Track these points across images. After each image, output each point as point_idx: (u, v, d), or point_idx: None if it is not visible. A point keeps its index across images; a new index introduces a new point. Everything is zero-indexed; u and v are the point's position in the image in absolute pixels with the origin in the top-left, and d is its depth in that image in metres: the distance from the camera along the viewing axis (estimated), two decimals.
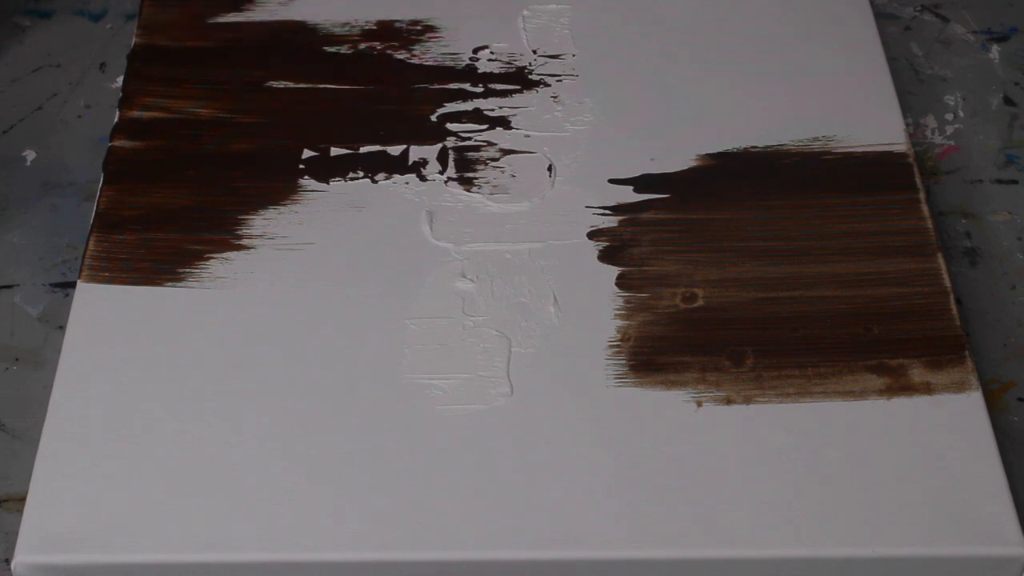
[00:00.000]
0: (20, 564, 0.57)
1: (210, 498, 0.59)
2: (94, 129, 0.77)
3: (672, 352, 0.64)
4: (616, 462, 0.60)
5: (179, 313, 0.65)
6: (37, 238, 0.72)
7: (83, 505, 0.59)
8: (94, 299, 0.66)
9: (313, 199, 0.70)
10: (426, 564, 0.58)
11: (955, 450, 0.60)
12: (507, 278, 0.67)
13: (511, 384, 0.63)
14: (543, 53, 0.78)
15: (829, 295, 0.66)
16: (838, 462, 0.60)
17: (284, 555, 0.58)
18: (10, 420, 0.66)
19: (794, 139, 0.73)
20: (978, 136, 0.78)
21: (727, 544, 0.58)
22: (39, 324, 0.69)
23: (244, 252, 0.68)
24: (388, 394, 0.62)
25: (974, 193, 0.75)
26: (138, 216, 0.69)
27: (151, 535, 0.58)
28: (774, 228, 0.69)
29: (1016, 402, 0.67)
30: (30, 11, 0.84)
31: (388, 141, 0.73)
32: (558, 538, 0.58)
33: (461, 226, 0.69)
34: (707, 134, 0.73)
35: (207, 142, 0.73)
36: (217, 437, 0.61)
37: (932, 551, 0.58)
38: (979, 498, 0.59)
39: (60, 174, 0.75)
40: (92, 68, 0.81)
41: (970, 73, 0.81)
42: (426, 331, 0.65)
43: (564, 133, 0.73)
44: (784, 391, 0.63)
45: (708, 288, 0.67)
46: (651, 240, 0.68)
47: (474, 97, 0.75)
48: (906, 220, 0.69)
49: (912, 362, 0.64)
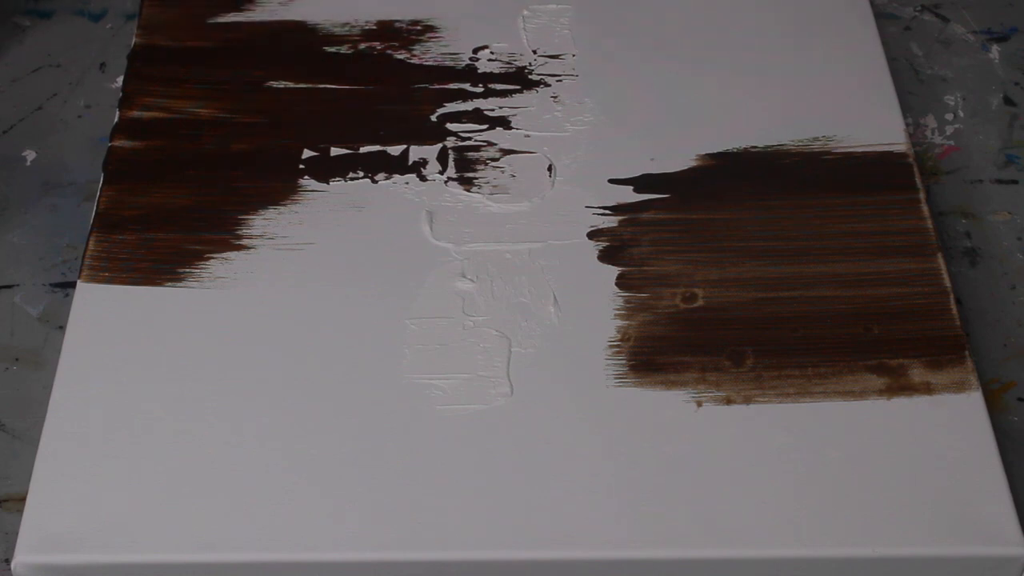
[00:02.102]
0: (20, 564, 0.57)
1: (210, 498, 0.59)
2: (94, 129, 0.77)
3: (672, 352, 0.64)
4: (616, 462, 0.60)
5: (179, 313, 0.65)
6: (37, 238, 0.72)
7: (83, 505, 0.59)
8: (94, 299, 0.66)
9: (313, 199, 0.70)
10: (426, 564, 0.58)
11: (955, 450, 0.60)
12: (507, 278, 0.67)
13: (511, 384, 0.63)
14: (543, 53, 0.78)
15: (829, 295, 0.66)
16: (838, 462, 0.60)
17: (284, 555, 0.58)
18: (10, 420, 0.66)
19: (794, 139, 0.73)
20: (978, 136, 0.78)
21: (727, 544, 0.58)
22: (39, 324, 0.69)
23: (244, 252, 0.68)
24: (388, 394, 0.62)
25: (974, 193, 0.75)
26: (138, 216, 0.69)
27: (151, 535, 0.58)
28: (774, 228, 0.69)
29: (1016, 402, 0.67)
30: (30, 11, 0.84)
31: (388, 141, 0.73)
32: (558, 538, 0.58)
33: (461, 226, 0.69)
34: (707, 134, 0.73)
35: (207, 142, 0.73)
36: (217, 437, 0.61)
37: (932, 551, 0.58)
38: (979, 498, 0.59)
39: (60, 174, 0.75)
40: (92, 68, 0.81)
41: (970, 73, 0.81)
42: (426, 331, 0.65)
43: (564, 133, 0.73)
44: (784, 391, 0.63)
45: (708, 288, 0.67)
46: (651, 240, 0.68)
47: (474, 97, 0.75)
48: (906, 220, 0.69)
49: (912, 362, 0.64)
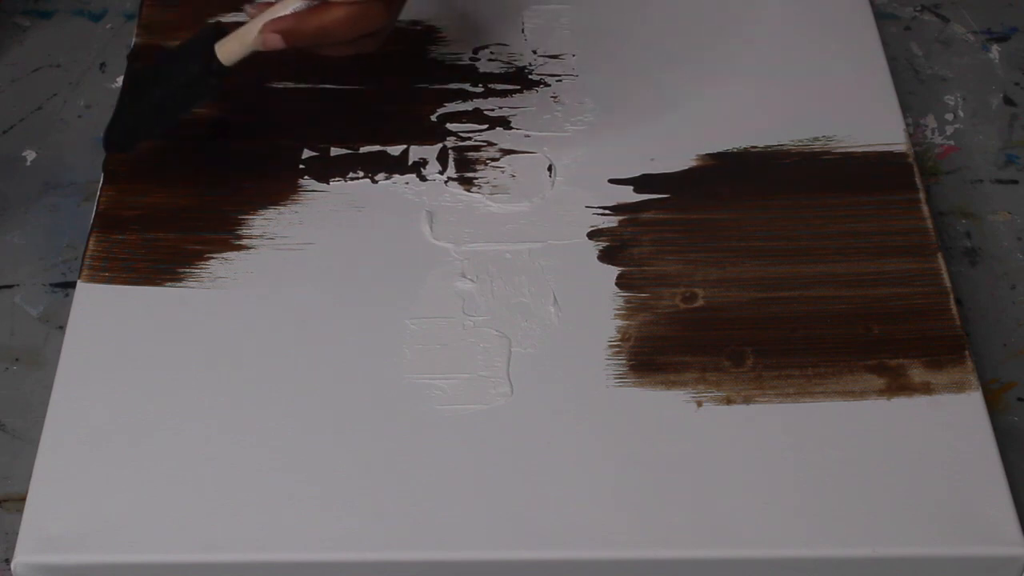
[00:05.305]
0: (20, 564, 0.57)
1: (210, 498, 0.59)
2: (94, 129, 0.77)
3: (672, 352, 0.64)
4: (616, 462, 0.60)
5: (179, 313, 0.65)
6: (37, 238, 0.72)
7: (83, 505, 0.59)
8: (94, 299, 0.66)
9: (313, 199, 0.70)
10: (425, 564, 0.58)
11: (955, 450, 0.60)
12: (507, 278, 0.67)
13: (511, 384, 0.63)
14: (543, 53, 0.78)
15: (829, 295, 0.66)
16: (838, 462, 0.60)
17: (284, 555, 0.58)
18: (10, 420, 0.66)
19: (794, 139, 0.73)
20: (978, 136, 0.78)
21: (727, 544, 0.58)
22: (39, 324, 0.69)
23: (244, 252, 0.68)
24: (388, 394, 0.62)
25: (974, 193, 0.75)
26: (138, 216, 0.69)
27: (151, 535, 0.58)
28: (774, 228, 0.69)
29: (1016, 402, 0.67)
30: (30, 11, 0.84)
31: (388, 141, 0.73)
32: (558, 538, 0.58)
33: (461, 226, 0.69)
34: (707, 134, 0.73)
35: (207, 142, 0.73)
36: (217, 437, 0.61)
37: (932, 551, 0.58)
38: (979, 498, 0.59)
39: (60, 174, 0.75)
40: (92, 68, 0.81)
41: (970, 73, 0.81)
42: (426, 331, 0.65)
43: (564, 133, 0.73)
44: (784, 391, 0.63)
45: (708, 288, 0.66)
46: (651, 240, 0.68)
47: (474, 97, 0.75)
48: (906, 220, 0.69)
49: (912, 362, 0.64)
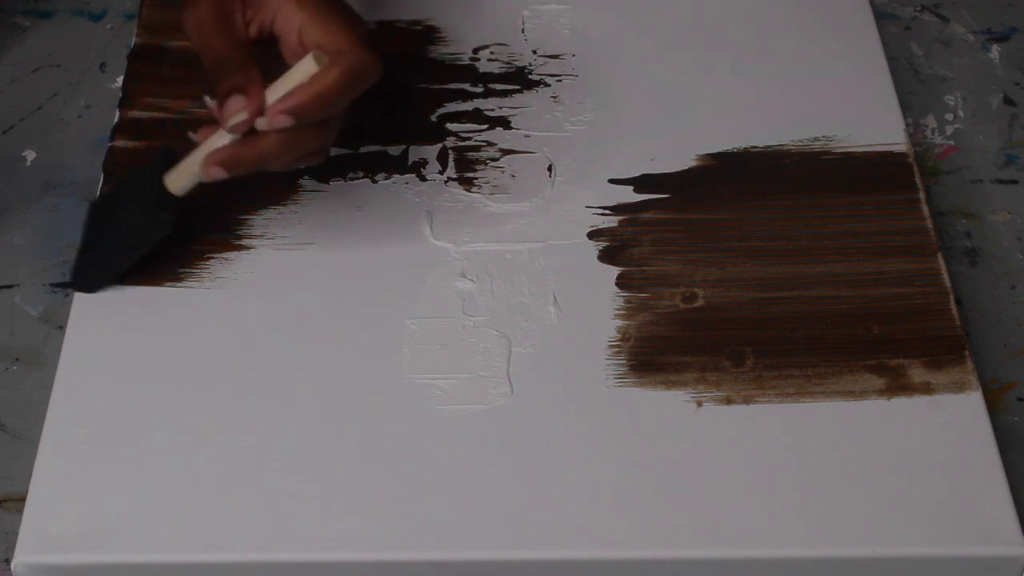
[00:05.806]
0: (20, 564, 0.57)
1: (210, 498, 0.59)
2: (94, 129, 0.77)
3: (672, 352, 0.64)
4: (616, 462, 0.60)
5: (179, 313, 0.65)
6: (37, 238, 0.72)
7: (83, 505, 0.59)
8: (94, 299, 0.66)
9: (313, 199, 0.70)
10: (425, 564, 0.58)
11: (955, 450, 0.60)
12: (507, 278, 0.67)
13: (511, 384, 0.63)
14: (543, 53, 0.78)
15: (829, 295, 0.66)
16: (838, 462, 0.60)
17: (284, 555, 0.58)
18: (10, 420, 0.66)
19: (794, 139, 0.73)
20: (978, 136, 0.78)
21: (727, 544, 0.58)
22: (39, 324, 0.69)
23: (244, 252, 0.68)
24: (388, 394, 0.62)
25: (974, 193, 0.75)
26: None
27: (151, 535, 0.58)
28: (774, 228, 0.69)
29: (1016, 402, 0.67)
30: (30, 11, 0.84)
31: (388, 141, 0.73)
32: (558, 538, 0.58)
33: (461, 226, 0.69)
34: (707, 134, 0.73)
35: None
36: (217, 437, 0.61)
37: (932, 551, 0.58)
38: (979, 498, 0.59)
39: (60, 174, 0.75)
40: (92, 68, 0.81)
41: (970, 73, 0.81)
42: (426, 331, 0.65)
43: (564, 133, 0.73)
44: (784, 391, 0.63)
45: (708, 288, 0.66)
46: (651, 240, 0.68)
47: (474, 97, 0.75)
48: (906, 220, 0.69)
49: (912, 362, 0.64)
